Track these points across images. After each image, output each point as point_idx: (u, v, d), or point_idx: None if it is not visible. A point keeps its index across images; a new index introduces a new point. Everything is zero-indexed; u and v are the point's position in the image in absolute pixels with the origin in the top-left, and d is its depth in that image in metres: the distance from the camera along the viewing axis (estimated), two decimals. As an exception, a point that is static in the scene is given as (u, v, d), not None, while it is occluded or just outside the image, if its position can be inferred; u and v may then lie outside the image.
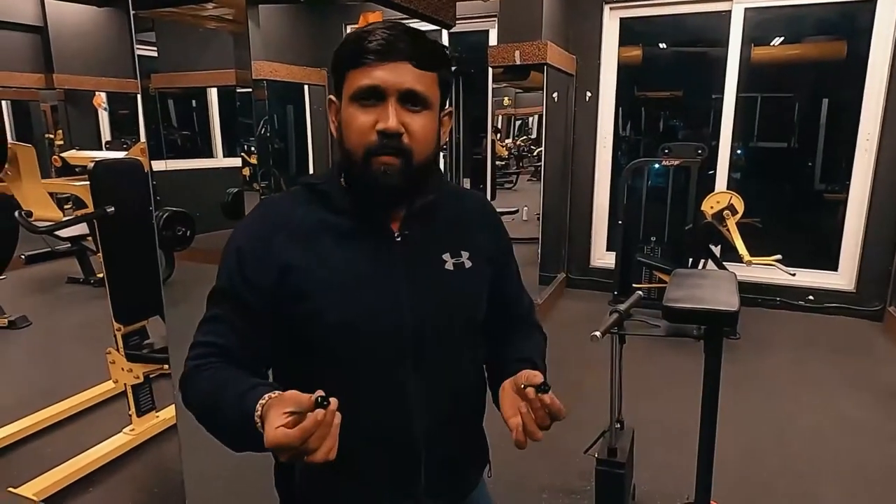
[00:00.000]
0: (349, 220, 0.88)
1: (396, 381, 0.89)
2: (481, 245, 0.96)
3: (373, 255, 0.88)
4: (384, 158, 0.83)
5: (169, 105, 2.09)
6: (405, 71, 0.82)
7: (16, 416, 2.73)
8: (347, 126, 0.85)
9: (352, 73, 0.84)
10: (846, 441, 2.66)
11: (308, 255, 0.85)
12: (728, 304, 1.57)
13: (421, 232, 0.90)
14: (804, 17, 4.46)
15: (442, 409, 0.92)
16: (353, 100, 0.84)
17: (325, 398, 0.66)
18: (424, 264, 0.90)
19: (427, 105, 0.85)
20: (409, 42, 0.83)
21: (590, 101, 4.78)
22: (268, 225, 0.88)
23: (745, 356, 3.54)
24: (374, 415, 0.88)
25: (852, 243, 4.30)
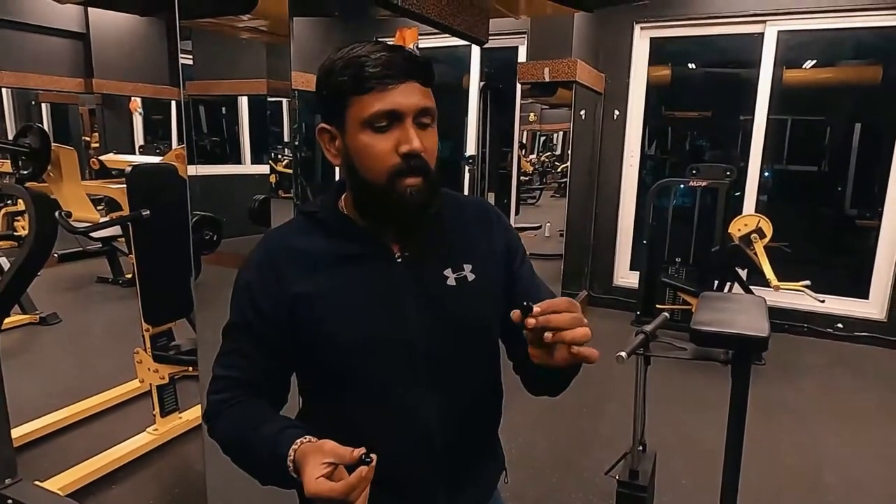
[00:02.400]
0: (350, 246, 0.89)
1: (411, 400, 0.89)
2: (486, 251, 0.95)
3: (377, 278, 0.88)
4: (410, 180, 0.83)
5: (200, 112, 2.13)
6: (415, 90, 0.82)
7: (44, 412, 2.80)
8: (363, 153, 0.83)
9: (360, 98, 0.82)
10: (878, 474, 2.59)
11: (314, 284, 0.87)
12: (758, 330, 1.55)
13: (421, 250, 0.90)
14: (839, 40, 4.41)
15: (458, 423, 0.93)
16: (365, 126, 0.82)
17: (368, 455, 0.70)
18: (427, 283, 0.90)
19: (434, 120, 0.86)
20: (411, 62, 0.83)
21: (617, 120, 4.77)
22: (273, 257, 0.90)
23: (771, 383, 3.47)
24: (391, 433, 0.89)
25: (884, 271, 4.21)
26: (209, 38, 1.88)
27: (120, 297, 4.89)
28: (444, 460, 0.92)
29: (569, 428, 2.83)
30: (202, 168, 1.92)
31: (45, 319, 4.20)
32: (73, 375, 3.38)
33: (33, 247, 2.22)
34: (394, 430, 0.89)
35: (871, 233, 4.36)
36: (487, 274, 0.93)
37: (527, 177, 5.00)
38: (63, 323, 4.25)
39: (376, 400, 0.89)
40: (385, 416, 0.89)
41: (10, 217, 5.10)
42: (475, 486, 1.00)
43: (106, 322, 4.39)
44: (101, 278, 5.30)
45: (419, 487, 0.93)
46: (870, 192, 4.54)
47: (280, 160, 2.27)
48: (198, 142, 2.02)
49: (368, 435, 0.78)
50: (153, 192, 2.45)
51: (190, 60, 1.82)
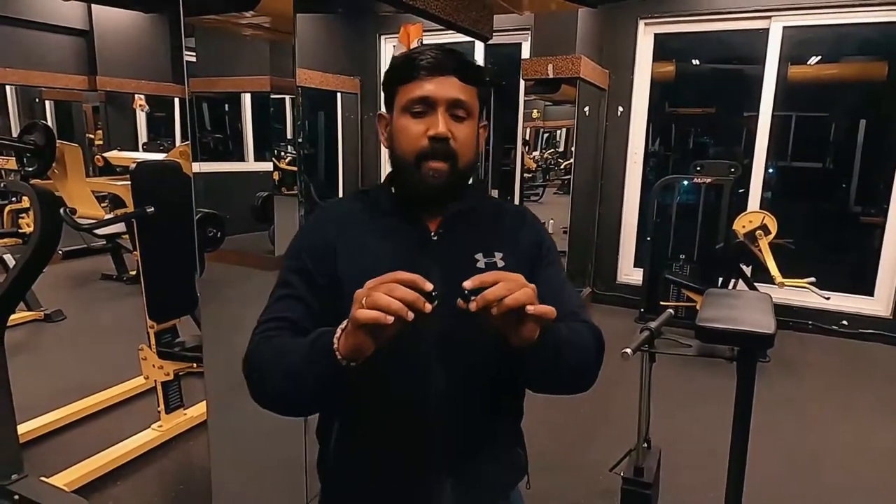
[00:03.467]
0: (392, 220, 0.97)
1: (421, 375, 0.91)
2: (518, 246, 0.99)
3: (410, 250, 0.94)
4: (433, 164, 0.91)
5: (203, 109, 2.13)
6: (452, 84, 0.92)
7: (49, 408, 2.80)
8: (399, 134, 0.94)
9: (403, 87, 0.93)
10: (883, 472, 2.58)
11: (355, 246, 0.95)
12: (764, 326, 1.54)
13: (456, 233, 0.96)
14: (844, 36, 4.39)
15: (467, 408, 0.93)
16: (404, 110, 0.93)
17: (437, 297, 0.73)
18: (457, 263, 0.93)
19: (470, 114, 0.94)
20: (454, 60, 0.93)
21: (621, 116, 4.75)
22: (325, 219, 1.02)
23: (775, 380, 3.46)
24: (400, 404, 0.92)
25: (890, 268, 4.19)
26: (213, 34, 1.88)
27: (124, 293, 4.90)
28: (451, 445, 0.93)
29: (573, 425, 2.83)
30: (206, 165, 1.92)
31: (50, 316, 4.21)
32: (78, 372, 3.38)
33: (38, 244, 2.22)
34: (402, 404, 0.92)
35: (876, 229, 4.34)
36: (517, 264, 0.94)
37: (530, 174, 4.99)
38: (68, 320, 4.27)
39: (389, 368, 0.89)
40: (396, 386, 0.92)
41: (15, 214, 5.12)
42: (486, 482, 0.99)
43: (110, 319, 4.40)
44: (106, 275, 5.31)
45: (425, 471, 0.94)
46: (875, 189, 4.53)
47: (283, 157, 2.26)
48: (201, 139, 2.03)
49: (382, 407, 0.90)
50: (157, 188, 2.45)
51: (193, 57, 1.82)
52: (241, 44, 2.02)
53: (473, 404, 0.95)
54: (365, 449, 0.96)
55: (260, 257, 2.09)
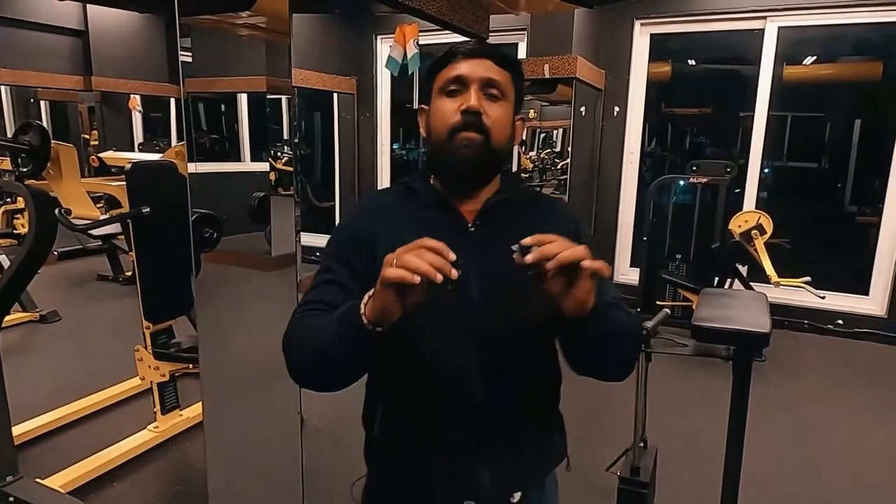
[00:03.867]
0: (431, 212, 1.00)
1: (459, 360, 0.94)
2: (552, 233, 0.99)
3: (448, 241, 0.92)
4: (465, 133, 0.94)
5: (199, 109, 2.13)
6: (486, 65, 0.96)
7: (44, 410, 2.80)
8: (435, 114, 0.97)
9: (441, 72, 0.98)
10: (879, 471, 2.59)
11: (393, 237, 0.93)
12: (759, 326, 1.55)
13: (492, 223, 0.98)
14: (839, 36, 4.40)
15: (504, 393, 0.96)
16: (440, 92, 0.97)
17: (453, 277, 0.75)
18: (492, 253, 0.92)
19: (504, 95, 0.97)
20: (490, 47, 0.99)
21: (617, 116, 4.76)
22: (365, 210, 1.07)
23: (771, 379, 3.47)
24: (438, 391, 0.96)
25: (885, 268, 4.21)
26: (208, 35, 1.88)
27: (120, 294, 4.88)
28: (487, 428, 0.96)
29: (569, 424, 2.83)
30: (202, 165, 1.92)
31: (46, 317, 4.20)
32: (74, 373, 3.37)
33: (33, 245, 2.22)
34: (440, 389, 0.96)
35: (871, 229, 4.36)
36: None
37: (527, 174, 4.99)
38: (63, 321, 4.25)
39: (427, 354, 0.95)
40: (434, 372, 0.95)
41: (10, 215, 5.09)
42: (522, 466, 1.02)
43: (106, 320, 4.38)
44: (102, 276, 5.30)
45: (464, 455, 0.97)
46: (870, 189, 4.55)
47: (280, 158, 2.26)
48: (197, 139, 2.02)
49: (418, 389, 0.94)
50: (153, 189, 2.45)
51: (189, 58, 1.81)
52: (238, 44, 2.01)
53: (510, 389, 0.97)
54: (406, 433, 1.00)
55: (256, 258, 2.09)
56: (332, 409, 2.90)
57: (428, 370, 0.95)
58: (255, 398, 1.84)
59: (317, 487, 2.26)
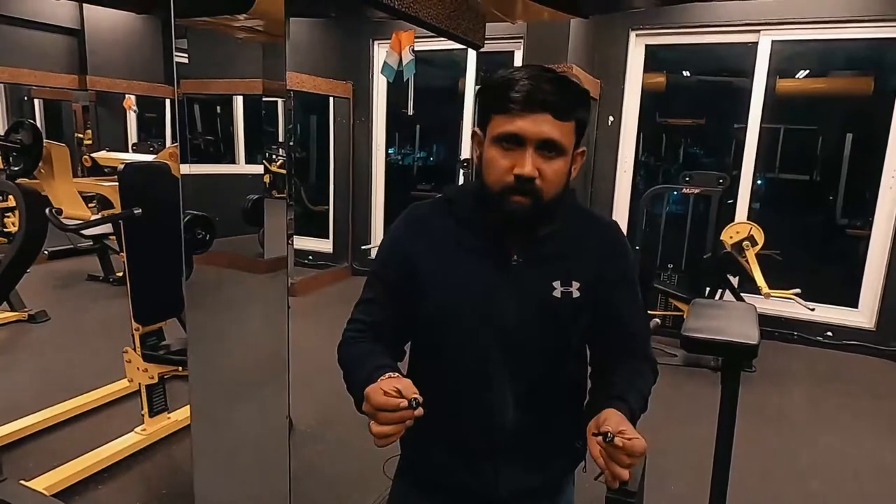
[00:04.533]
0: (475, 240, 1.01)
1: (494, 382, 1.00)
2: (598, 273, 1.02)
3: (490, 274, 0.99)
4: (517, 198, 0.93)
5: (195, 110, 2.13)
6: (544, 121, 0.91)
7: (31, 410, 2.77)
8: (488, 165, 0.96)
9: (496, 117, 0.94)
10: (865, 482, 2.61)
11: (436, 260, 1.01)
12: (748, 337, 1.55)
13: (537, 258, 1.00)
14: (832, 51, 4.46)
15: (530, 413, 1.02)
16: (494, 142, 0.94)
17: (419, 403, 0.82)
18: (534, 288, 0.99)
19: (562, 152, 0.94)
20: (549, 93, 0.91)
21: (612, 126, 4.79)
22: (410, 228, 1.07)
23: (760, 390, 3.48)
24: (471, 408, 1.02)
25: (874, 281, 4.24)
26: (205, 36, 1.88)
27: (110, 295, 4.85)
28: (520, 441, 1.03)
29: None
30: (196, 167, 1.92)
31: (34, 317, 4.16)
32: (61, 374, 3.34)
33: (23, 244, 2.21)
34: (471, 407, 1.02)
35: (861, 242, 4.40)
36: (593, 294, 1.02)
37: (521, 181, 5.01)
38: (52, 321, 4.22)
39: (462, 378, 1.01)
40: (467, 392, 1.01)
41: (1, 213, 5.06)
42: (542, 469, 1.08)
43: (95, 320, 4.35)
44: (92, 276, 5.26)
45: (493, 459, 1.03)
46: (861, 202, 4.59)
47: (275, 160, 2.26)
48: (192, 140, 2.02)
49: (449, 404, 0.99)
50: (146, 190, 2.44)
51: (185, 58, 1.81)
52: (234, 46, 2.01)
53: (539, 409, 1.03)
54: (434, 436, 1.04)
55: (249, 260, 2.08)
56: (321, 413, 2.89)
57: (461, 391, 1.01)
58: (244, 401, 1.83)
59: (304, 492, 2.25)
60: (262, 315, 1.86)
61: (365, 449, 1.15)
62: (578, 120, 0.96)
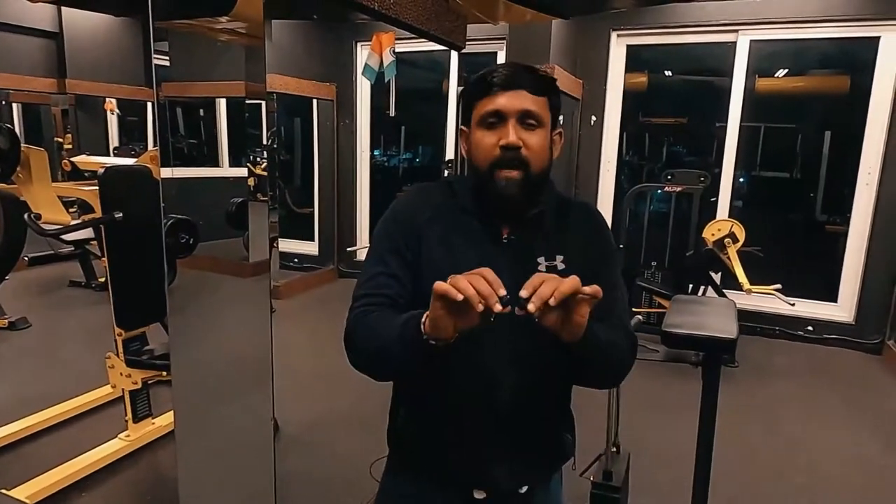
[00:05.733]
0: (472, 220, 1.06)
1: (488, 364, 1.02)
2: (581, 251, 1.07)
3: (484, 251, 1.03)
4: (506, 172, 0.99)
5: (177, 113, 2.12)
6: (522, 96, 1.00)
7: (12, 418, 2.73)
8: (476, 146, 1.03)
9: (479, 103, 1.02)
10: (846, 472, 2.65)
11: (438, 236, 1.05)
12: (726, 332, 1.58)
13: (524, 237, 1.05)
14: (808, 50, 4.53)
15: (527, 394, 1.04)
16: (479, 124, 1.02)
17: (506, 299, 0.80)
18: (523, 264, 1.02)
19: (541, 123, 1.01)
20: (525, 74, 1.01)
21: (594, 126, 4.83)
22: (419, 205, 1.09)
23: (743, 384, 3.53)
24: (466, 387, 1.03)
25: (852, 276, 4.32)
26: (186, 39, 1.87)
27: (92, 301, 4.79)
28: (510, 426, 1.04)
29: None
30: (178, 170, 1.91)
31: (15, 324, 4.10)
32: (43, 381, 3.30)
33: (2, 250, 2.18)
34: (465, 392, 1.03)
35: (839, 238, 4.48)
36: (577, 268, 1.02)
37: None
38: (33, 327, 4.16)
39: (460, 357, 0.99)
40: (464, 371, 1.02)
41: (-21, 219, 4.98)
42: (533, 463, 1.10)
43: (77, 326, 4.30)
44: (74, 282, 5.20)
45: (482, 445, 1.05)
46: (839, 199, 4.67)
47: (259, 163, 2.26)
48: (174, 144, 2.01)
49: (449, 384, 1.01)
50: (127, 194, 2.42)
51: (166, 61, 1.80)
52: (216, 49, 2.01)
53: (535, 395, 1.04)
54: (425, 434, 1.08)
55: (233, 264, 2.08)
56: (306, 416, 2.88)
57: (454, 374, 1.02)
58: (228, 406, 1.82)
59: (290, 495, 2.24)
60: (247, 318, 1.86)
61: (352, 452, 1.15)
62: (551, 100, 1.03)
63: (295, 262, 6.13)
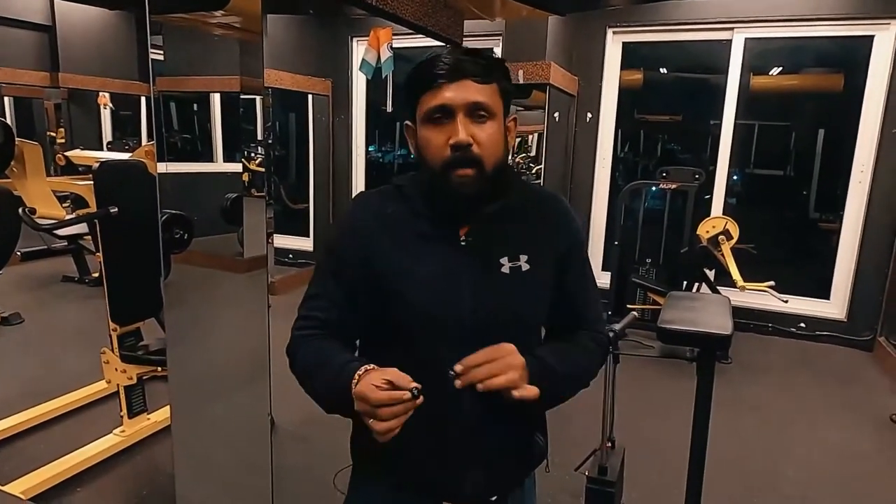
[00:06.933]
0: (425, 224, 0.99)
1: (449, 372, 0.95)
2: (546, 247, 1.01)
3: (441, 257, 0.98)
4: (460, 172, 0.92)
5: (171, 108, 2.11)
6: (468, 87, 0.92)
7: (6, 414, 2.72)
8: (425, 145, 0.95)
9: (423, 97, 0.94)
10: (836, 468, 2.68)
11: (390, 248, 0.98)
12: (721, 328, 1.59)
13: (483, 237, 0.98)
14: (803, 48, 4.55)
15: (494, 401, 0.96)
16: (425, 121, 0.94)
17: (420, 391, 0.81)
18: (483, 267, 0.97)
19: (491, 114, 0.94)
20: (469, 61, 0.93)
21: (590, 122, 4.84)
22: (362, 215, 1.02)
23: (736, 380, 3.56)
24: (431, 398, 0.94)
25: (844, 273, 4.35)
26: (181, 33, 1.86)
27: (86, 296, 4.77)
28: (475, 436, 0.99)
29: (541, 426, 2.86)
30: (173, 165, 1.90)
31: (8, 319, 4.08)
32: (37, 376, 3.29)
33: (-5, 244, 2.16)
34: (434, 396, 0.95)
35: (832, 235, 4.50)
36: (542, 266, 1.00)
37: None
38: (26, 323, 4.14)
39: (420, 367, 0.94)
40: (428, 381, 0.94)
41: (-29, 214, 4.95)
42: (506, 469, 1.06)
43: (71, 322, 4.28)
44: (67, 277, 5.17)
45: (449, 455, 1.00)
46: (832, 196, 4.69)
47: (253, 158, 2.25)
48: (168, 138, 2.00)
49: None
50: (121, 189, 2.41)
51: (160, 55, 1.79)
52: (211, 43, 2.00)
53: (499, 407, 0.96)
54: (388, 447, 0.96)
55: (228, 259, 2.07)
56: (303, 412, 2.88)
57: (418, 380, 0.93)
58: (225, 401, 1.83)
59: (286, 491, 2.24)
60: (242, 314, 1.86)
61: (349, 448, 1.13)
62: (501, 85, 0.96)
63: (290, 258, 6.12)
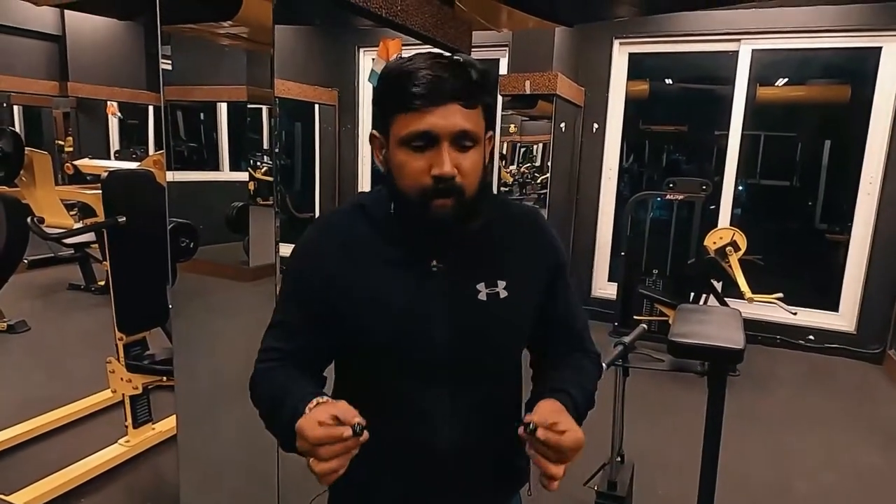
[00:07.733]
0: (390, 249, 0.91)
1: (426, 404, 0.92)
2: (525, 269, 0.96)
3: (410, 285, 0.91)
4: (440, 201, 0.85)
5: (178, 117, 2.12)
6: (454, 112, 0.82)
7: (11, 422, 2.71)
8: (400, 169, 0.86)
9: (400, 117, 0.84)
10: (847, 483, 2.64)
11: (354, 274, 0.91)
12: (733, 342, 1.57)
13: (456, 263, 0.91)
14: (810, 60, 4.54)
15: (471, 433, 0.94)
16: (403, 144, 0.84)
17: (363, 428, 0.73)
18: (457, 296, 0.91)
19: (476, 141, 0.86)
20: (453, 80, 0.83)
21: (596, 133, 4.84)
22: (323, 239, 0.95)
23: (744, 393, 3.52)
24: (404, 431, 0.92)
25: (854, 285, 4.31)
26: (189, 43, 1.87)
27: (92, 304, 4.77)
28: (453, 465, 0.94)
29: (547, 438, 2.83)
30: (180, 174, 1.90)
31: (14, 327, 4.08)
32: (42, 385, 3.28)
33: (3, 253, 2.17)
34: (406, 430, 0.92)
35: (840, 247, 4.47)
36: (521, 292, 0.94)
37: (507, 187, 5.03)
38: (32, 331, 4.14)
39: (394, 399, 0.92)
40: (399, 414, 0.92)
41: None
42: (487, 491, 1.01)
43: (77, 330, 4.28)
44: (73, 285, 5.18)
45: (426, 488, 0.95)
46: (839, 207, 4.67)
47: (259, 167, 2.25)
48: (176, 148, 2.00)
49: (382, 430, 0.81)
50: (129, 198, 2.41)
51: (169, 65, 1.80)
52: (219, 53, 2.01)
53: (475, 426, 0.95)
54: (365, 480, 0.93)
55: (234, 268, 2.07)
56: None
57: (392, 412, 0.91)
58: (231, 411, 1.81)
59: (292, 502, 2.22)
60: (249, 323, 1.85)
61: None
62: (485, 104, 0.88)
63: (295, 267, 6.12)
